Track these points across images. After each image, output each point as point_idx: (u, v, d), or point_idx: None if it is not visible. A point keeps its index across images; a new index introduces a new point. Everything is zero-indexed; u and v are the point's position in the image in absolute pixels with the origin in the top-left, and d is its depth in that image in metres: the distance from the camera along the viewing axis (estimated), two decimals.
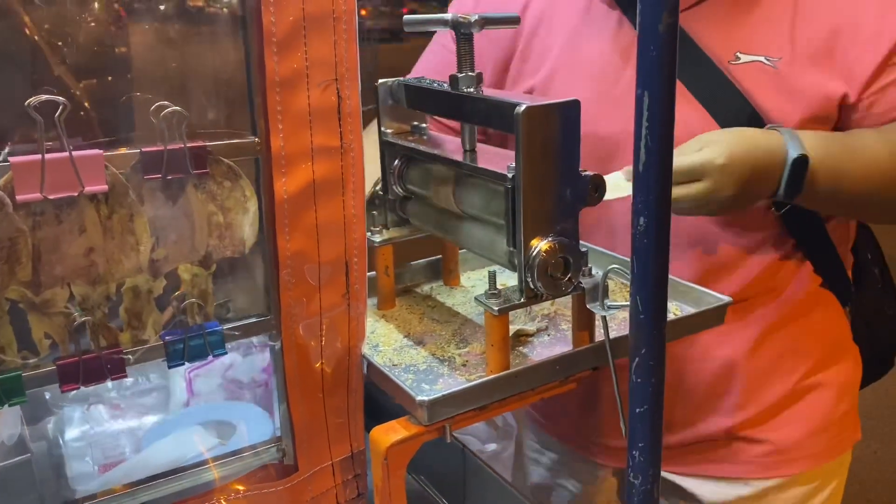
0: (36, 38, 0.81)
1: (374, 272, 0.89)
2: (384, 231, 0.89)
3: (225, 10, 0.64)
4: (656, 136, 0.58)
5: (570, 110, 0.67)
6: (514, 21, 0.78)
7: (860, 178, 0.92)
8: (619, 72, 1.01)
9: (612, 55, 1.02)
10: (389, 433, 0.67)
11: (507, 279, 0.95)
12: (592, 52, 1.03)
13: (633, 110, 1.07)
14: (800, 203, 0.94)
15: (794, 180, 0.88)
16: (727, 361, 1.03)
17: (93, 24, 0.70)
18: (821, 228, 1.02)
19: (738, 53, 0.96)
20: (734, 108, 0.94)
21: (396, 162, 0.87)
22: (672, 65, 0.57)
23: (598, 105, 0.99)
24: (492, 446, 1.23)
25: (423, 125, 0.87)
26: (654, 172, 0.59)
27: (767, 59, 0.95)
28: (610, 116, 0.98)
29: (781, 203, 0.97)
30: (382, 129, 0.87)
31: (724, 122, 0.94)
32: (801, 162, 0.87)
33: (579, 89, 1.04)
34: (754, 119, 0.94)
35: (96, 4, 0.70)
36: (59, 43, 0.79)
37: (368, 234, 0.86)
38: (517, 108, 0.65)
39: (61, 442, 0.96)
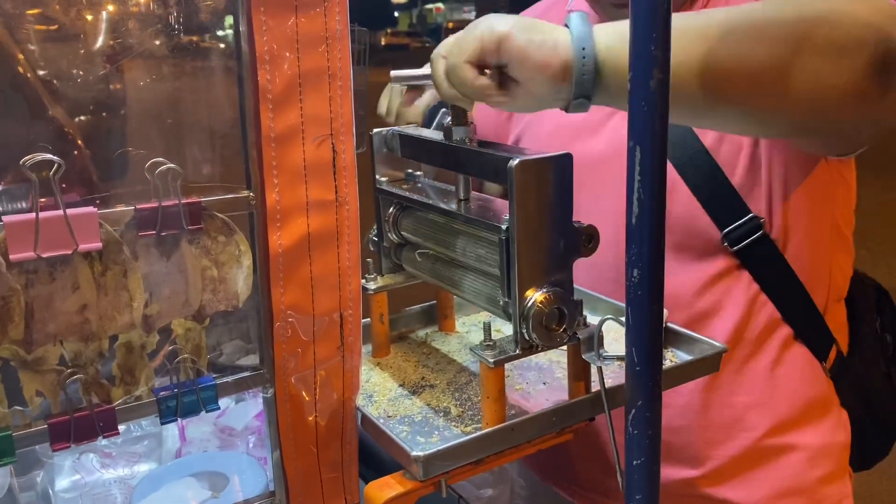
0: (33, 82, 0.82)
1: (368, 319, 0.89)
2: (378, 278, 0.89)
3: (221, 67, 0.65)
4: (648, 188, 0.59)
5: (563, 163, 0.68)
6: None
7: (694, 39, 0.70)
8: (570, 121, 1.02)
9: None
10: (384, 489, 0.66)
11: (501, 325, 0.96)
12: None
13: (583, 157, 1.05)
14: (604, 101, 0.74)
15: (582, 83, 0.70)
16: (686, 409, 0.99)
17: (89, 78, 0.71)
18: (787, 271, 0.96)
19: None
20: (678, 135, 0.93)
21: (391, 209, 0.87)
22: (664, 119, 0.58)
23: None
24: (487, 492, 1.22)
25: (418, 173, 0.88)
26: (648, 225, 0.59)
27: None
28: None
29: (737, 238, 0.93)
30: (377, 176, 0.88)
31: (671, 149, 0.93)
32: (590, 62, 0.70)
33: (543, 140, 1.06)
34: (699, 146, 0.92)
35: (94, 58, 0.70)
36: (57, 89, 0.80)
37: (363, 281, 0.86)
38: (511, 161, 0.65)
39: (51, 493, 0.95)
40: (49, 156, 0.56)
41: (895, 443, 1.12)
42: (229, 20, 0.65)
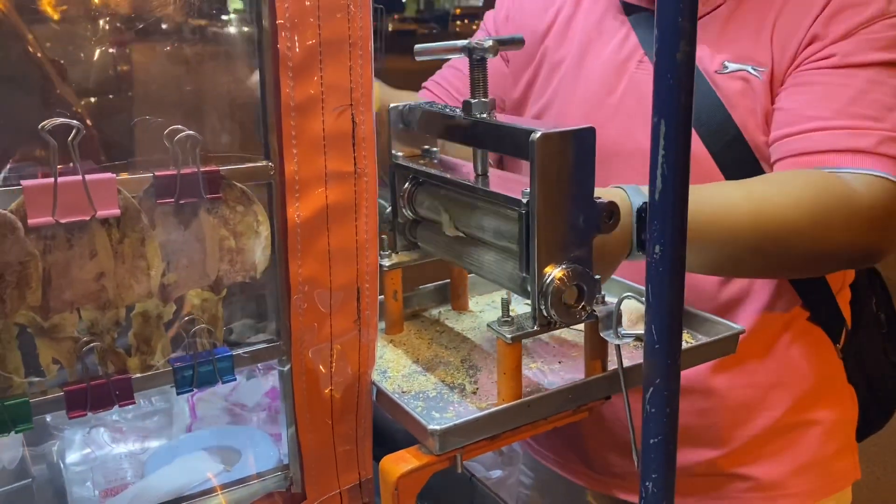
0: (44, 58, 0.81)
1: (381, 296, 0.89)
2: (393, 255, 0.88)
3: (240, 34, 0.64)
4: (672, 163, 0.58)
5: (586, 137, 0.67)
6: (519, 42, 0.78)
7: (720, 230, 0.82)
8: (616, 82, 1.02)
9: (613, 65, 1.03)
10: (400, 463, 0.66)
11: (516, 304, 0.95)
12: (597, 62, 1.05)
13: (626, 119, 1.06)
14: None
15: (643, 230, 0.77)
16: (708, 392, 1.01)
17: (107, 46, 0.70)
18: None
19: (725, 62, 0.96)
20: (717, 122, 0.94)
21: (406, 185, 0.87)
22: (689, 93, 0.57)
23: (594, 114, 0.99)
24: (497, 473, 1.21)
25: (434, 149, 0.87)
26: (670, 201, 0.59)
27: (754, 69, 0.94)
28: (604, 126, 0.97)
29: None
30: (393, 151, 0.87)
31: (708, 136, 0.93)
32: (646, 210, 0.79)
33: (578, 99, 1.05)
34: (736, 133, 0.93)
35: (110, 26, 0.70)
36: (67, 63, 0.79)
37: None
38: (532, 134, 0.64)
39: (62, 466, 0.95)
40: (69, 120, 0.55)
41: (890, 416, 1.15)
42: None
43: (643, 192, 0.78)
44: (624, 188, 0.78)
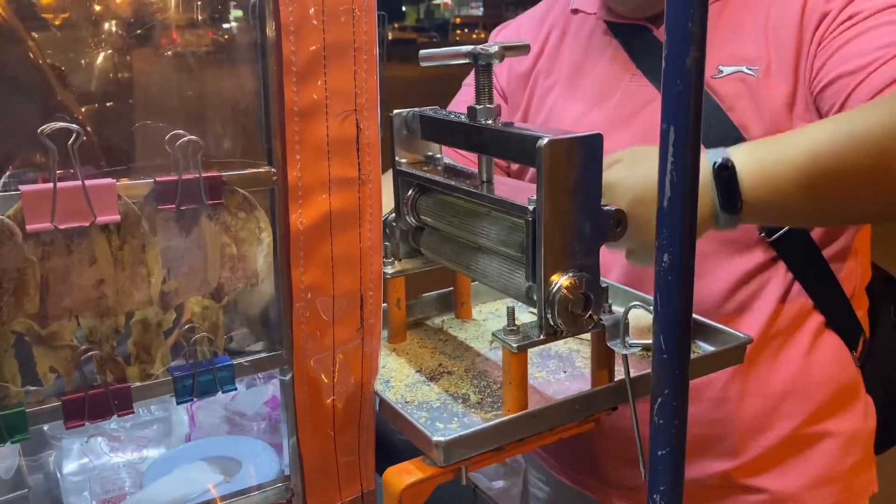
0: (45, 64, 0.80)
1: (384, 304, 0.88)
2: (396, 262, 0.87)
3: (244, 39, 0.63)
4: (681, 171, 0.57)
5: (593, 144, 0.66)
6: (525, 48, 0.77)
7: (809, 168, 0.76)
8: (609, 97, 1.03)
9: (605, 82, 1.05)
10: (404, 475, 0.65)
11: (520, 312, 0.94)
12: (588, 81, 1.07)
13: (621, 131, 1.05)
14: (753, 219, 0.81)
15: (725, 190, 0.76)
16: (722, 401, 0.99)
17: (108, 51, 0.69)
18: (820, 261, 0.98)
19: (720, 67, 0.95)
20: (717, 127, 0.93)
21: (410, 192, 0.86)
22: (699, 99, 0.56)
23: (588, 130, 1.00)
24: (499, 483, 1.20)
25: (438, 155, 0.86)
26: (679, 208, 0.58)
27: (749, 69, 0.94)
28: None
29: (771, 229, 0.94)
30: (396, 158, 0.86)
31: (708, 142, 0.93)
32: (725, 167, 0.75)
33: (571, 119, 1.06)
34: (737, 136, 0.92)
35: (113, 32, 0.69)
36: (68, 68, 0.78)
37: None
38: (539, 141, 0.63)
39: (59, 476, 0.94)
40: (68, 125, 0.54)
41: None
42: None
43: (726, 151, 0.76)
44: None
